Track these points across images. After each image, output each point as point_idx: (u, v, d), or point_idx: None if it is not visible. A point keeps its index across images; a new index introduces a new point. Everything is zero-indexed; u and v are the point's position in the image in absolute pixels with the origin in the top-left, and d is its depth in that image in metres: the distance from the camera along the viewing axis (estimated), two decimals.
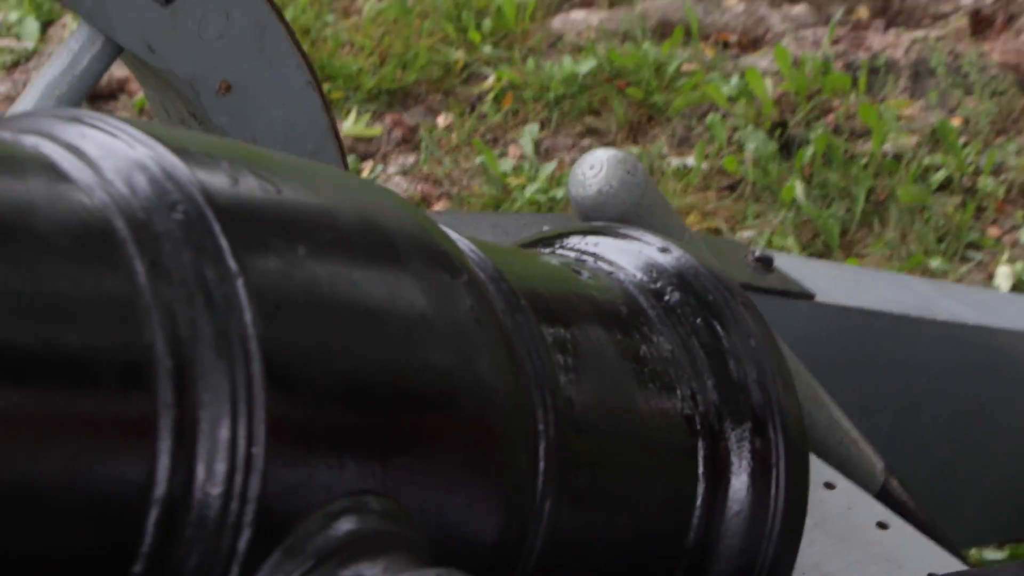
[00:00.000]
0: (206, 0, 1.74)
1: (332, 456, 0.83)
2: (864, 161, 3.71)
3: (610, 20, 4.31)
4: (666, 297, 1.35)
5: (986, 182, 4.01)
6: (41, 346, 0.76)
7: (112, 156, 0.84)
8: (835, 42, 4.21)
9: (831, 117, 3.89)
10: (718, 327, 1.34)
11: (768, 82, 3.88)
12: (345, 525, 0.82)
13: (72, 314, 0.82)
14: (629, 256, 1.38)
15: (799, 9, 4.23)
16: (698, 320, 1.34)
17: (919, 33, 4.68)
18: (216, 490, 0.83)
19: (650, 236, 1.40)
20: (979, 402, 2.45)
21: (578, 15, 4.41)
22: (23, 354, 0.78)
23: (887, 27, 4.66)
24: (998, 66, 4.45)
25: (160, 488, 0.81)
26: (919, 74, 4.43)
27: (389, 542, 0.84)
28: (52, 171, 0.82)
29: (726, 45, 4.19)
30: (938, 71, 4.47)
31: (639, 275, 1.38)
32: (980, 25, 4.63)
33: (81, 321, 0.81)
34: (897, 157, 3.74)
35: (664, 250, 1.34)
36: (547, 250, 1.27)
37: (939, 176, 3.69)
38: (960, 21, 4.67)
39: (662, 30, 4.21)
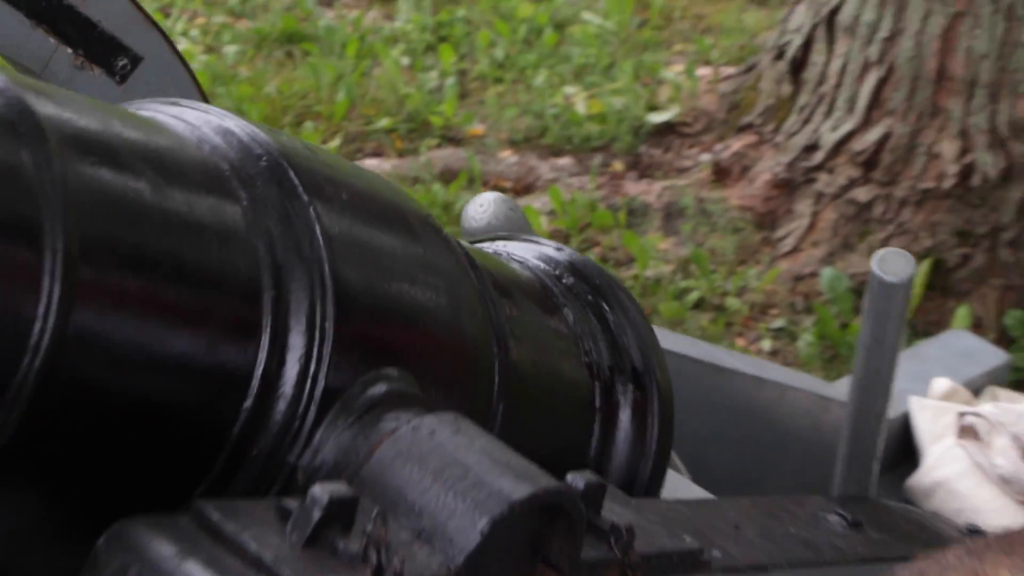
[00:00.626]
0: (151, 81, 2.01)
1: (375, 339, 1.18)
2: (629, 284, 3.98)
3: (400, 166, 4.64)
4: (564, 280, 1.71)
5: (732, 302, 4.38)
6: (196, 249, 1.03)
7: (208, 124, 1.17)
8: (598, 188, 4.52)
9: (599, 248, 4.25)
10: (604, 304, 1.71)
11: (543, 219, 4.26)
12: (382, 387, 1.14)
13: (210, 228, 1.07)
14: (532, 252, 1.73)
15: (564, 161, 4.65)
16: (589, 298, 1.70)
17: (669, 181, 5.03)
18: (301, 351, 1.07)
19: (545, 240, 1.80)
20: (753, 441, 2.64)
21: (371, 162, 4.75)
22: (183, 258, 1.04)
23: (640, 177, 5.00)
24: (736, 208, 4.75)
25: (265, 346, 1.04)
26: (671, 215, 4.76)
27: (413, 399, 1.16)
28: (172, 131, 1.17)
29: (503, 190, 4.44)
30: (687, 212, 4.79)
31: (542, 265, 1.71)
32: (720, 175, 4.92)
33: (215, 233, 1.06)
34: (657, 281, 4.08)
35: (558, 249, 1.71)
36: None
37: (693, 296, 4.05)
38: (704, 171, 5.01)
39: (447, 176, 4.53)
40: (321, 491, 1.03)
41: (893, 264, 1.79)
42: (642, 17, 6.04)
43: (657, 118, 5.25)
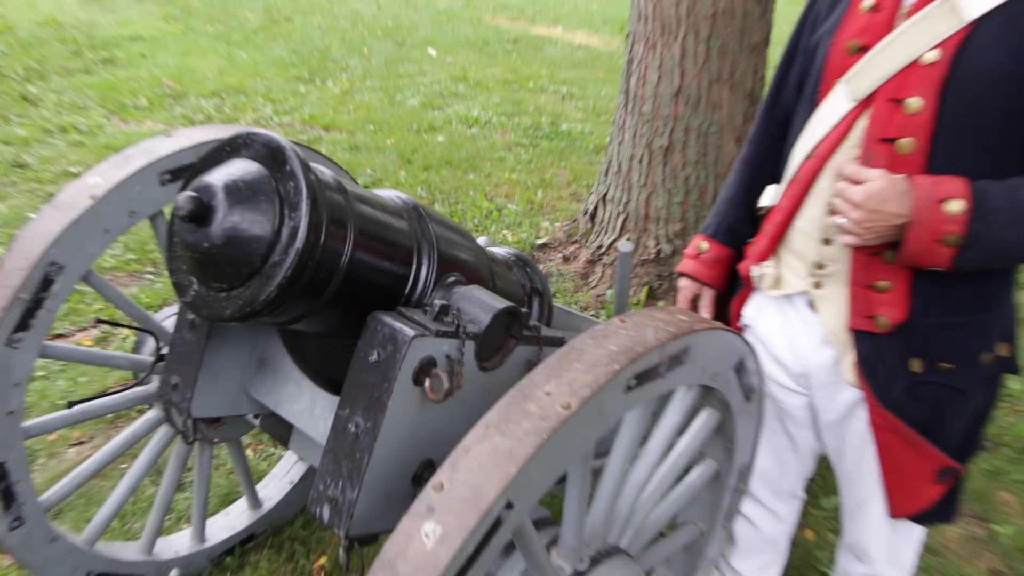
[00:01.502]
0: None
1: (451, 266, 2.01)
2: None
3: None
4: (513, 259, 2.57)
5: (575, 307, 5.00)
6: (396, 234, 1.89)
7: (386, 193, 2.00)
8: None
9: None
10: (528, 268, 2.59)
11: None
12: (454, 278, 2.02)
13: (399, 228, 1.92)
14: (502, 250, 2.54)
15: None
16: (523, 265, 2.58)
17: (546, 263, 5.50)
18: (426, 267, 1.97)
19: (507, 247, 2.57)
20: None
21: None
22: (391, 238, 1.90)
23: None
24: (572, 272, 5.33)
25: (415, 266, 1.96)
26: (548, 276, 5.28)
27: (465, 282, 2.01)
28: (380, 195, 1.95)
29: None
30: (553, 274, 5.30)
31: (505, 254, 2.54)
32: (566, 260, 5.53)
33: (400, 231, 1.92)
34: None
35: (512, 249, 2.59)
36: None
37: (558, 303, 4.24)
38: (559, 260, 5.51)
39: None
40: (439, 300, 1.86)
41: (625, 246, 2.37)
42: (531, 205, 6.58)
43: (540, 241, 5.86)
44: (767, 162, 2.32)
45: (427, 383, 1.75)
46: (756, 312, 2.29)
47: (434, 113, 8.24)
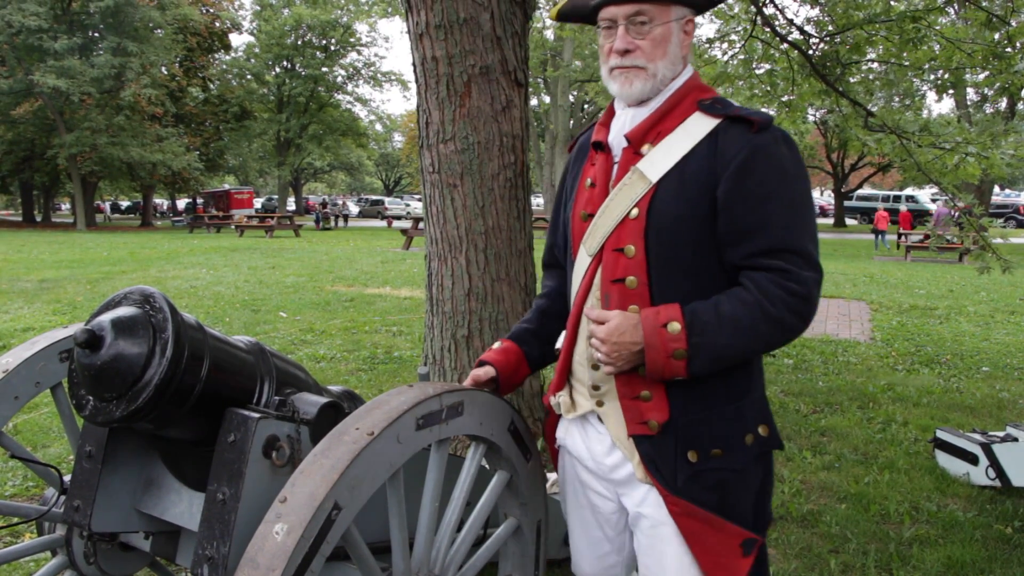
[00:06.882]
0: None
1: (285, 383, 2.21)
2: None
3: None
4: (342, 393, 2.67)
5: None
6: (244, 364, 2.11)
7: (240, 339, 2.26)
8: None
9: None
10: (356, 401, 2.65)
11: None
12: (288, 390, 2.20)
13: (247, 361, 2.14)
14: (334, 388, 2.65)
15: None
16: (349, 396, 2.67)
17: None
18: (268, 385, 2.17)
19: (339, 386, 2.69)
20: None
21: None
22: (243, 367, 2.11)
23: None
24: None
25: (261, 383, 2.17)
26: None
27: (306, 392, 2.21)
28: (232, 340, 2.16)
29: None
30: None
31: (337, 390, 2.64)
32: None
33: (247, 362, 2.14)
34: None
35: (341, 389, 2.69)
36: None
37: None
38: None
39: None
40: (277, 398, 2.08)
41: (422, 370, 2.28)
42: None
43: None
44: (553, 302, 2.42)
45: (273, 455, 1.91)
46: (564, 433, 2.32)
47: (288, 355, 8.33)
